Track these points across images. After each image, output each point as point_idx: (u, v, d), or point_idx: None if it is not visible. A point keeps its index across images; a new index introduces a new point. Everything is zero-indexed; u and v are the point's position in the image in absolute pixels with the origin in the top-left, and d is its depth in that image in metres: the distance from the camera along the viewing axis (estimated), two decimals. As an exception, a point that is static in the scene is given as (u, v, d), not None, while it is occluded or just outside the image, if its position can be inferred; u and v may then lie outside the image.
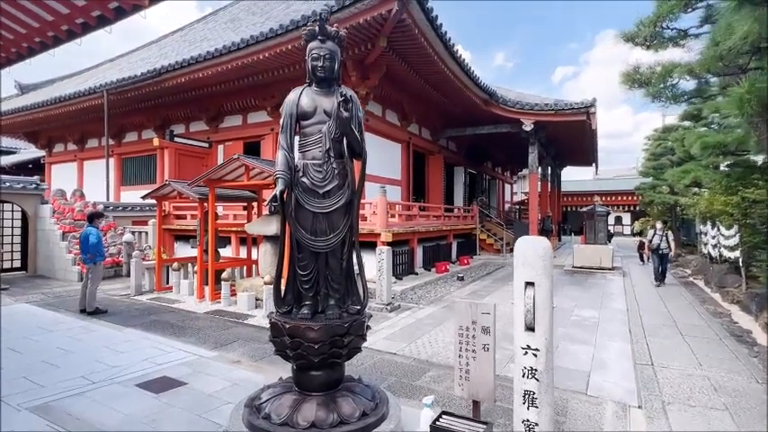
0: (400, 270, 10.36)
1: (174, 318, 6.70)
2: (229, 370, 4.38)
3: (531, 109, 14.04)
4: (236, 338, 5.65)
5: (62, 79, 20.92)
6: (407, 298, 8.45)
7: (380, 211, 9.65)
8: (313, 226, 2.87)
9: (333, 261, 2.95)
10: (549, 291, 2.33)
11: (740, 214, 8.54)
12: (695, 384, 4.20)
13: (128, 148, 15.95)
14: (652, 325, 6.55)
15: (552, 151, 19.87)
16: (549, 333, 2.33)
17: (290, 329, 2.75)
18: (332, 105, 2.86)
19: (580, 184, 38.41)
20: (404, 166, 14.04)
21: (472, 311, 2.58)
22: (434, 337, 5.79)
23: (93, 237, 6.67)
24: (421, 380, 4.28)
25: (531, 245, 2.37)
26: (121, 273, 10.64)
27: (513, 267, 2.43)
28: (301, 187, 2.86)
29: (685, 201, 15.68)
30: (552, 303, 2.34)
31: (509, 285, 10.05)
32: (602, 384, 4.18)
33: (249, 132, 12.95)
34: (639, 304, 8.07)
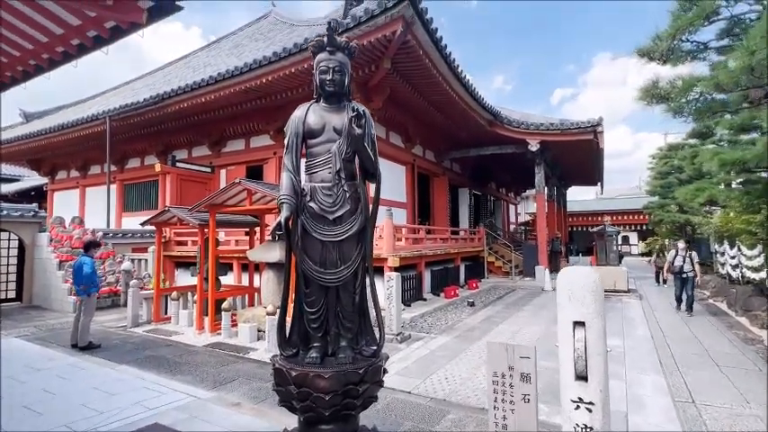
0: (408, 296, 9.94)
1: (171, 352, 6.30)
2: (228, 414, 3.97)
3: (536, 129, 13.88)
4: (236, 376, 5.24)
5: (67, 107, 21.04)
6: (418, 326, 8.01)
7: (387, 235, 9.32)
8: (322, 257, 2.55)
9: (344, 296, 2.62)
10: (603, 332, 1.98)
11: (765, 233, 8.17)
12: (749, 427, 3.76)
13: (130, 174, 15.81)
14: (682, 354, 6.10)
15: (558, 171, 19.66)
16: (605, 383, 1.96)
17: (296, 378, 2.39)
18: (342, 122, 2.59)
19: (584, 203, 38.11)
20: (409, 188, 13.79)
21: (509, 355, 2.22)
22: (450, 371, 5.36)
23: (87, 267, 6.35)
24: (440, 425, 3.85)
25: (578, 277, 2.03)
26: (119, 302, 10.26)
27: (558, 304, 2.09)
28: (309, 213, 2.55)
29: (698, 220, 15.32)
30: (606, 347, 1.98)
31: (522, 311, 9.61)
32: (643, 426, 3.75)
33: (252, 156, 12.78)
34: (664, 331, 7.61)
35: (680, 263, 9.16)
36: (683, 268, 9.10)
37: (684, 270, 9.05)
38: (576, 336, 1.98)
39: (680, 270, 9.14)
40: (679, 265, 9.16)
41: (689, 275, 9.01)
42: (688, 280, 9.05)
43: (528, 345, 2.23)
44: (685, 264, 9.07)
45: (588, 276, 2.00)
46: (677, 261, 9.24)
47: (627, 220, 33.05)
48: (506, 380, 2.22)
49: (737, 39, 5.26)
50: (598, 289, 1.99)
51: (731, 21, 5.28)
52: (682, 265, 9.11)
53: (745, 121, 8.25)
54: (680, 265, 9.15)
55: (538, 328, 7.88)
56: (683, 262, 9.13)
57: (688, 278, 9.04)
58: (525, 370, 2.20)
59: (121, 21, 3.89)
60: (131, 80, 20.69)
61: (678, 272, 9.18)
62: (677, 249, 9.46)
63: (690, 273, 9.02)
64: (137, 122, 13.06)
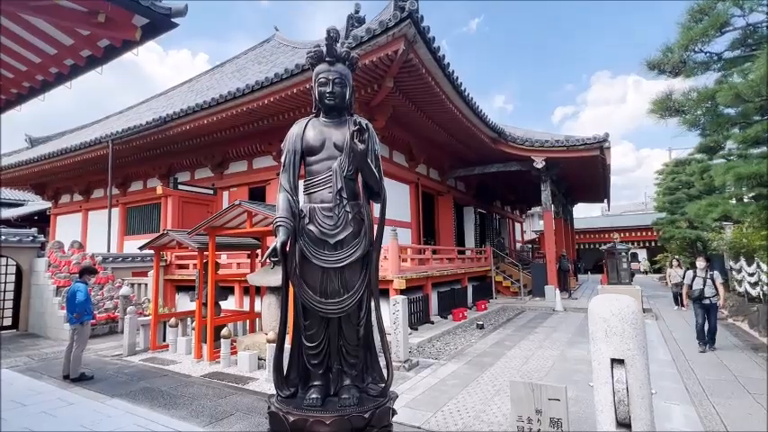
0: (415, 319, 9.60)
1: (167, 384, 5.98)
2: (223, 456, 3.65)
3: (541, 146, 13.72)
4: (234, 410, 4.91)
5: (71, 131, 21.21)
6: (426, 352, 7.66)
7: (392, 256, 9.05)
8: (323, 285, 2.30)
9: (347, 328, 2.36)
10: (647, 371, 1.70)
11: (786, 249, 7.85)
12: (796, 466, 3.39)
13: (132, 198, 15.72)
14: (709, 381, 5.72)
15: (563, 188, 19.43)
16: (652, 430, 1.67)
17: (294, 424, 2.11)
18: (343, 137, 2.38)
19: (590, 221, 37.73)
20: (413, 208, 13.57)
21: (535, 396, 1.94)
22: (462, 402, 5.01)
23: (80, 294, 6.10)
24: (455, 466, 3.51)
25: (613, 306, 1.76)
26: (116, 329, 9.96)
27: (590, 337, 1.82)
28: (308, 237, 2.32)
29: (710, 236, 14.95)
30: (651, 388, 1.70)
31: (534, 334, 9.23)
32: (680, 468, 3.39)
33: (254, 178, 12.66)
34: (685, 354, 7.21)
35: (699, 285, 7.43)
36: (703, 292, 7.34)
37: (706, 294, 7.31)
38: (616, 376, 1.70)
39: (700, 295, 7.38)
40: (699, 289, 7.41)
41: (712, 301, 7.30)
42: (711, 307, 7.32)
43: (556, 385, 1.95)
44: (706, 287, 7.32)
45: (627, 305, 1.74)
46: (696, 284, 7.51)
47: (634, 237, 32.57)
48: (533, 425, 1.94)
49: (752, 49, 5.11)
50: (639, 320, 1.72)
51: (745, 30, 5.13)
52: (702, 289, 7.36)
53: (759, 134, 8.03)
54: (699, 288, 7.40)
55: (552, 352, 7.51)
56: (703, 285, 7.38)
57: (711, 305, 7.31)
58: (555, 414, 1.91)
59: (115, 39, 3.77)
60: (135, 105, 20.89)
61: (698, 297, 7.41)
62: (695, 270, 7.71)
63: (713, 298, 7.31)
64: (139, 145, 13.03)
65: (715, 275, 7.42)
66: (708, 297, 7.27)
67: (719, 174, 8.67)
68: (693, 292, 7.46)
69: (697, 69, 5.53)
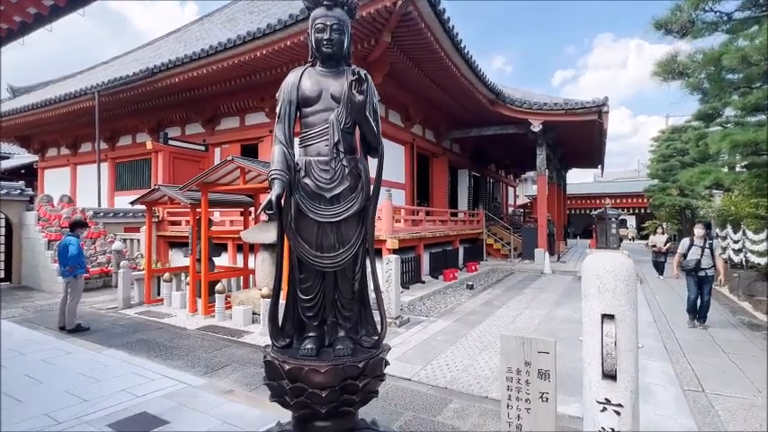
0: (407, 278, 9.76)
1: (163, 336, 6.10)
2: (220, 403, 3.78)
3: (539, 109, 13.51)
4: (229, 361, 5.05)
5: (55, 82, 20.39)
6: (416, 310, 7.85)
7: (386, 217, 9.07)
8: (318, 239, 2.29)
9: (343, 282, 2.38)
10: (635, 326, 1.75)
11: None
12: (765, 419, 3.60)
13: (121, 152, 15.39)
14: (687, 340, 5.96)
15: (559, 153, 19.35)
16: (636, 383, 1.75)
17: (290, 372, 2.17)
18: (341, 88, 2.30)
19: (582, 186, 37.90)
20: (408, 169, 13.48)
21: (525, 350, 2.00)
22: (451, 357, 5.19)
23: (73, 247, 6.08)
24: (442, 414, 3.68)
25: (608, 264, 1.79)
26: (110, 283, 10.04)
27: (583, 293, 1.85)
28: (303, 191, 2.28)
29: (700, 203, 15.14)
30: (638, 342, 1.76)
31: (522, 294, 9.47)
32: (655, 419, 3.59)
33: (247, 135, 12.39)
34: (667, 315, 7.48)
35: (696, 256, 6.53)
36: (700, 263, 6.47)
37: (703, 266, 6.47)
38: (605, 330, 1.75)
39: (696, 266, 6.50)
40: (695, 260, 6.51)
41: (707, 273, 6.51)
42: (706, 280, 6.55)
43: (546, 339, 2.00)
44: (704, 257, 6.48)
45: (621, 263, 1.76)
46: (692, 254, 6.59)
47: (625, 204, 32.90)
48: (522, 376, 2.01)
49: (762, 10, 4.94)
50: (631, 278, 1.75)
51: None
52: (699, 260, 6.48)
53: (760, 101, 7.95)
54: (696, 259, 6.50)
55: (539, 312, 7.74)
56: (700, 255, 6.50)
57: (707, 277, 6.54)
58: (544, 366, 1.98)
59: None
60: (121, 55, 20.01)
61: (694, 269, 6.53)
62: (692, 238, 6.76)
63: (709, 270, 6.51)
64: (127, 98, 12.60)
65: (714, 245, 6.66)
66: (704, 269, 6.49)
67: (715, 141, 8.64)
68: (688, 262, 6.60)
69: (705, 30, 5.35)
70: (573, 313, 7.54)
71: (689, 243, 6.73)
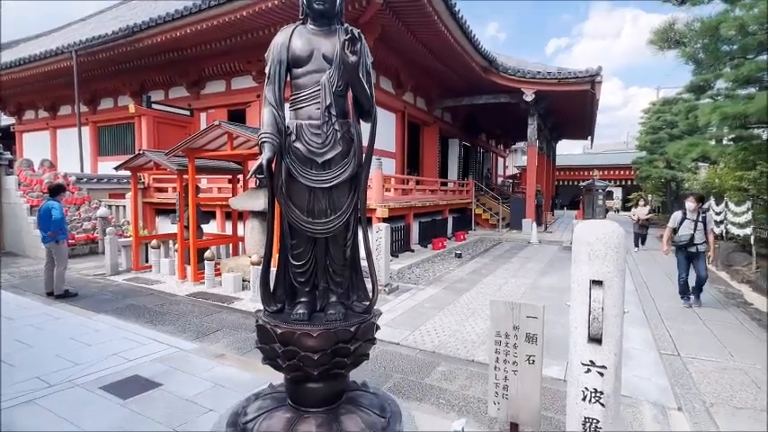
0: (396, 247, 9.84)
1: (152, 302, 6.11)
2: (212, 366, 3.83)
3: (532, 78, 13.33)
4: (220, 326, 5.10)
5: (29, 40, 19.37)
6: (405, 277, 7.96)
7: (376, 185, 9.03)
8: (310, 205, 2.26)
9: (334, 248, 2.37)
10: (623, 292, 1.79)
11: (756, 189, 8.13)
12: (734, 380, 3.80)
13: (103, 116, 14.88)
14: (667, 308, 6.17)
15: (549, 124, 19.27)
16: (620, 347, 1.80)
17: (282, 336, 2.19)
18: (333, 48, 2.21)
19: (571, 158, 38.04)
20: (398, 138, 13.34)
21: (514, 314, 2.05)
22: (439, 323, 5.31)
23: (56, 212, 5.95)
24: (430, 377, 3.80)
25: (599, 231, 1.80)
26: (97, 250, 9.93)
27: (573, 260, 1.88)
28: (294, 155, 2.23)
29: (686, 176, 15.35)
30: (624, 308, 1.80)
31: (509, 263, 9.64)
32: (633, 380, 3.75)
33: (233, 99, 12.04)
34: (648, 285, 7.70)
35: (688, 231, 5.99)
36: (693, 239, 5.95)
37: (695, 241, 5.95)
38: (593, 296, 1.79)
39: (689, 242, 5.98)
40: (687, 235, 5.98)
41: (699, 249, 6.00)
42: (698, 256, 6.05)
43: (535, 304, 2.05)
44: (696, 232, 5.95)
45: (612, 231, 1.78)
46: (684, 228, 6.05)
47: (613, 176, 33.19)
48: (510, 340, 2.06)
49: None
50: (621, 245, 1.78)
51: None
52: (692, 235, 5.95)
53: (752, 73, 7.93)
54: (688, 234, 5.97)
55: (525, 280, 7.91)
56: (692, 229, 5.96)
57: (698, 254, 6.03)
58: (532, 330, 2.03)
59: None
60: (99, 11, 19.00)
61: (686, 244, 6.02)
62: (685, 211, 6.15)
63: (701, 245, 5.99)
64: (106, 58, 12.05)
65: (707, 219, 6.15)
66: (696, 244, 5.99)
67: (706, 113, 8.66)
68: (680, 237, 6.08)
69: (704, -3, 5.26)
70: (558, 282, 7.73)
71: (681, 216, 6.17)
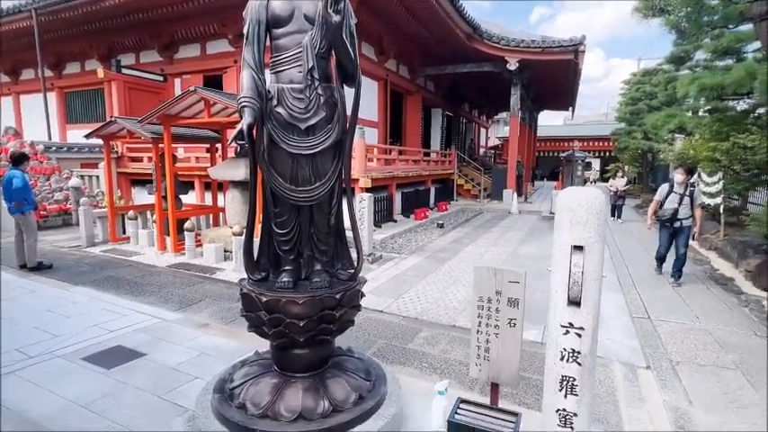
0: (379, 217, 9.87)
1: (132, 273, 6.02)
2: (196, 336, 3.84)
3: (516, 46, 13.16)
4: (203, 296, 5.08)
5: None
6: (388, 247, 8.03)
7: (359, 155, 8.94)
8: (293, 172, 2.22)
9: (318, 216, 2.35)
10: (602, 257, 1.84)
11: (728, 160, 8.38)
12: (699, 340, 4.02)
13: (70, 81, 14.11)
14: (640, 275, 6.42)
15: (532, 94, 19.22)
16: (597, 309, 1.87)
17: (267, 303, 2.19)
18: (315, 8, 2.11)
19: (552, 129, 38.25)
20: (381, 107, 13.12)
21: (497, 280, 2.09)
22: (421, 290, 5.41)
23: (17, 180, 5.68)
24: (413, 342, 3.89)
25: (581, 198, 1.83)
26: (71, 221, 9.64)
27: (555, 226, 1.91)
28: (276, 121, 2.17)
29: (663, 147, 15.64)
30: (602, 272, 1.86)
31: (490, 233, 9.81)
32: (606, 342, 3.93)
33: (209, 65, 11.56)
34: (622, 252, 7.98)
35: (673, 204, 5.72)
36: (677, 213, 5.70)
37: (680, 216, 5.72)
38: (574, 260, 1.83)
39: (672, 216, 5.74)
40: (671, 209, 5.74)
41: (683, 224, 5.76)
42: (682, 231, 5.80)
43: (517, 270, 2.09)
44: (682, 206, 5.68)
45: (594, 197, 1.81)
46: (670, 202, 5.79)
47: (592, 147, 33.64)
48: (492, 304, 2.12)
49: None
50: (603, 211, 1.81)
51: None
52: (676, 209, 5.70)
53: (731, 44, 8.02)
54: (673, 207, 5.72)
55: (505, 249, 8.07)
56: (678, 203, 5.69)
57: (682, 228, 5.79)
58: (514, 295, 2.09)
59: None
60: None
61: (669, 219, 5.79)
62: (672, 184, 5.88)
63: (686, 221, 5.75)
64: (70, 18, 11.30)
65: (695, 193, 5.80)
66: (680, 219, 5.73)
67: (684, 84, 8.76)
68: (665, 212, 5.82)
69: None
70: (536, 250, 7.93)
71: (668, 189, 5.87)
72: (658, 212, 5.98)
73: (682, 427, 2.70)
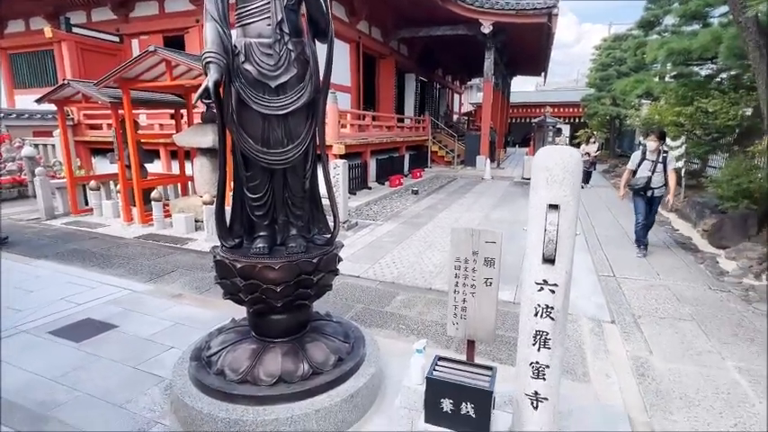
0: (354, 185, 9.78)
1: (97, 245, 5.79)
2: (169, 306, 3.77)
3: (491, 8, 12.91)
4: (175, 267, 4.96)
5: None
6: (364, 214, 8.01)
7: (331, 121, 8.72)
8: (264, 134, 2.12)
9: (293, 180, 2.28)
10: (576, 215, 1.87)
11: (690, 125, 8.65)
12: (659, 295, 4.25)
13: (14, 42, 12.95)
14: (605, 236, 6.67)
15: (506, 58, 19.07)
16: (571, 266, 1.92)
17: (242, 270, 2.15)
18: (282, -46, 1.97)
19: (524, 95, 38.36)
20: (353, 71, 12.74)
21: (474, 240, 2.11)
22: (397, 256, 5.46)
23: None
24: (390, 305, 3.95)
25: (557, 157, 1.84)
26: (27, 193, 9.12)
27: (531, 186, 1.93)
28: (244, 78, 2.05)
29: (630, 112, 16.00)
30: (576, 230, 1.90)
31: (463, 198, 9.92)
32: (574, 300, 4.09)
33: (169, 24, 10.83)
34: (590, 215, 8.24)
35: (647, 173, 5.38)
36: (650, 182, 5.37)
37: (653, 185, 5.38)
38: (549, 219, 1.86)
39: (646, 185, 5.40)
40: (644, 178, 5.40)
41: (655, 193, 5.46)
42: (654, 201, 5.56)
43: (494, 230, 2.11)
44: (655, 174, 5.34)
45: (570, 156, 1.82)
46: (643, 170, 5.44)
47: (563, 113, 34.01)
48: (469, 264, 2.14)
49: None
50: (578, 169, 1.83)
51: None
52: (649, 177, 5.35)
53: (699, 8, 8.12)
54: (646, 176, 5.38)
55: (478, 214, 8.20)
56: (651, 171, 5.35)
57: (654, 198, 5.52)
58: (490, 255, 2.11)
59: None
60: None
61: (643, 187, 5.44)
62: (645, 150, 5.56)
63: (658, 189, 5.43)
64: (8, -31, 10.27)
65: (668, 160, 5.42)
66: (653, 188, 5.41)
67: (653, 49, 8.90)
68: (637, 180, 5.48)
69: None
70: (508, 214, 8.09)
71: (640, 157, 5.53)
72: (630, 182, 5.62)
73: (642, 374, 2.88)
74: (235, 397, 2.08)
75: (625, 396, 2.64)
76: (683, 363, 3.04)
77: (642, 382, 2.80)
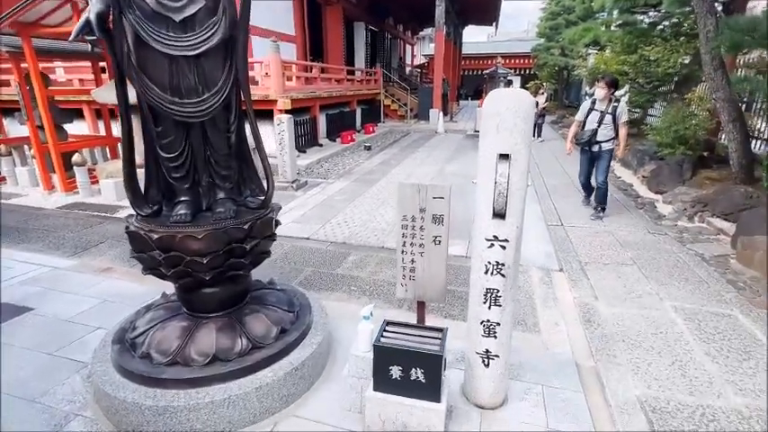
0: (303, 142, 9.33)
1: (13, 218, 5.15)
2: (97, 282, 3.41)
3: (440, -51, 12.21)
4: (103, 238, 4.51)
5: None
6: (314, 173, 7.68)
7: (274, 73, 8.10)
8: (174, 80, 1.79)
9: (214, 135, 1.98)
10: (528, 165, 1.74)
11: (634, 73, 8.80)
12: (603, 242, 4.38)
13: None
14: (552, 185, 6.80)
15: (457, 6, 18.48)
16: (521, 220, 1.81)
17: (160, 241, 1.87)
18: None
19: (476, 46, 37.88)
20: (298, 19, 11.84)
21: (421, 196, 1.94)
22: (349, 215, 5.27)
23: None
24: (341, 267, 3.80)
25: (508, 101, 1.67)
26: (-77, 162, 7.93)
27: (481, 134, 1.76)
28: (140, 10, 1.68)
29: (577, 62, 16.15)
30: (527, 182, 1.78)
31: (417, 153, 9.77)
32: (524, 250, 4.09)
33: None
34: (540, 166, 8.36)
35: (593, 126, 4.84)
36: (595, 135, 4.84)
37: (598, 138, 4.85)
38: (500, 170, 1.72)
39: (590, 138, 4.89)
40: (591, 130, 4.86)
41: (602, 147, 4.90)
42: (601, 156, 4.98)
43: (442, 184, 1.95)
44: (602, 126, 4.79)
45: (522, 99, 1.65)
46: (591, 122, 4.89)
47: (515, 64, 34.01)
48: (417, 222, 1.99)
49: None
50: (530, 114, 1.67)
51: None
52: (595, 129, 4.82)
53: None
54: (593, 129, 4.85)
55: (432, 168, 8.10)
56: (597, 124, 4.80)
57: (601, 154, 4.95)
58: (438, 211, 1.97)
59: None
60: None
61: (587, 141, 4.93)
62: (593, 102, 4.93)
63: (606, 144, 4.87)
64: None
65: (619, 110, 4.76)
66: (599, 141, 4.86)
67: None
68: (583, 133, 4.95)
69: None
70: (461, 168, 8.05)
71: (589, 106, 4.95)
72: (577, 135, 5.08)
73: (588, 320, 2.95)
74: (163, 381, 1.87)
75: (573, 344, 2.69)
76: (625, 306, 3.14)
77: (588, 327, 2.87)
